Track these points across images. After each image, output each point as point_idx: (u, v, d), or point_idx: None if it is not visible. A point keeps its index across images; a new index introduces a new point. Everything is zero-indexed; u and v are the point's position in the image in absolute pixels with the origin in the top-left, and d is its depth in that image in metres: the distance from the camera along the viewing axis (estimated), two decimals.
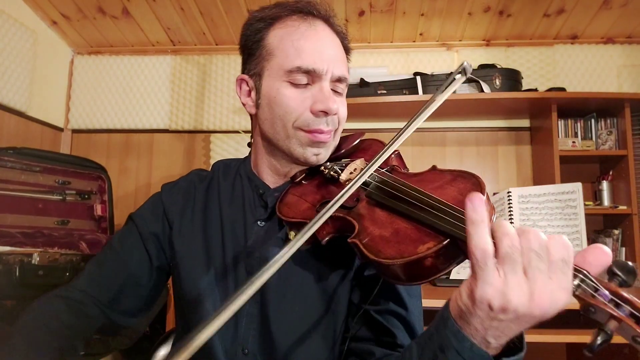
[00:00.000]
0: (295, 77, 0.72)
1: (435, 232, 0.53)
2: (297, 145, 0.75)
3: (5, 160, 1.83)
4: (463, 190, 0.58)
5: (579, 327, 1.71)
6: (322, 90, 0.73)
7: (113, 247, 0.83)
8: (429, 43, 2.56)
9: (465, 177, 0.61)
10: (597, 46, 2.46)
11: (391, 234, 0.57)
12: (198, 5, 2.31)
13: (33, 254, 1.52)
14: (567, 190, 1.89)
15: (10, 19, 2.17)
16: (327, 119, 0.74)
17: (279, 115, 0.74)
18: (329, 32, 0.78)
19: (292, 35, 0.74)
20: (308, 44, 0.73)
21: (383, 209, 0.61)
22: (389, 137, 2.36)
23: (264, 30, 0.76)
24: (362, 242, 0.57)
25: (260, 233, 0.77)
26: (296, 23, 0.75)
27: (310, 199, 0.72)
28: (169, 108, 2.62)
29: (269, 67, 0.75)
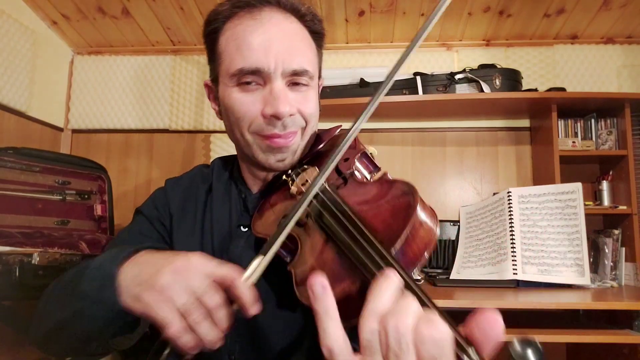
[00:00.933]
0: (242, 80, 0.67)
1: (352, 268, 0.48)
2: (259, 152, 0.71)
3: (5, 160, 1.83)
4: (394, 210, 0.53)
5: (579, 327, 1.71)
6: (272, 92, 0.66)
7: (124, 236, 0.80)
8: (429, 43, 2.56)
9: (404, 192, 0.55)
10: (597, 46, 2.46)
11: (318, 266, 0.53)
12: (198, 5, 2.31)
13: (33, 254, 1.52)
14: (567, 190, 1.89)
15: (10, 19, 2.17)
16: (283, 121, 0.67)
17: (234, 122, 0.70)
18: (280, 18, 0.69)
19: (236, 34, 0.68)
20: (251, 40, 0.66)
21: (322, 235, 0.56)
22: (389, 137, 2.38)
23: (217, 32, 0.72)
24: (295, 275, 0.54)
25: (241, 239, 0.75)
26: (242, 19, 0.69)
27: (277, 210, 0.69)
28: (168, 108, 2.62)
29: (221, 72, 0.71)
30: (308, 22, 0.73)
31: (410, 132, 2.55)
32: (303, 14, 0.72)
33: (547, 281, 1.78)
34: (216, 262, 0.52)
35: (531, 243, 1.87)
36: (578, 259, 1.81)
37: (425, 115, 2.48)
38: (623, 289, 1.97)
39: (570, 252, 1.83)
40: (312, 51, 0.73)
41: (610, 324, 1.70)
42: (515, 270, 1.81)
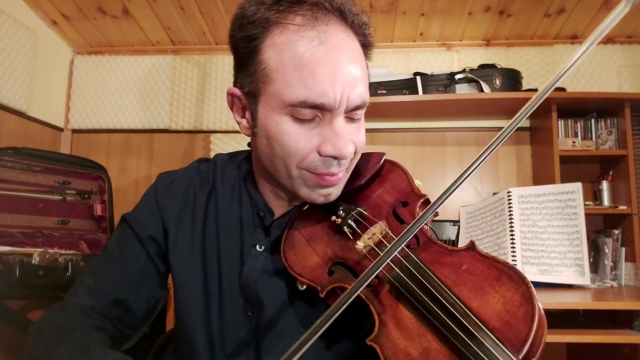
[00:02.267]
0: (300, 112, 0.57)
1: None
2: (302, 186, 0.63)
3: (5, 160, 1.83)
4: (509, 304, 0.47)
5: (579, 327, 1.71)
6: (334, 129, 0.58)
7: (112, 256, 0.74)
8: (429, 43, 2.56)
9: (513, 280, 0.49)
10: (597, 46, 2.45)
11: (419, 354, 0.47)
12: (198, 5, 2.31)
13: (33, 254, 1.52)
14: (567, 190, 1.89)
15: (10, 18, 2.17)
16: (340, 161, 0.60)
17: (279, 154, 0.60)
18: (346, 37, 0.59)
19: (295, 55, 0.56)
20: (316, 68, 0.56)
21: (408, 307, 0.51)
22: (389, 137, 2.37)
23: (259, 38, 0.59)
24: (384, 354, 0.48)
25: (258, 260, 0.68)
26: (300, 34, 0.57)
27: (320, 250, 0.62)
28: (169, 108, 2.62)
29: (266, 93, 0.59)
30: (362, 37, 0.63)
31: (410, 132, 2.55)
32: (359, 26, 0.62)
33: (547, 281, 1.78)
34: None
35: (531, 243, 1.87)
36: (578, 259, 1.81)
37: (425, 115, 2.48)
38: (623, 289, 1.97)
39: (570, 252, 1.83)
40: (366, 73, 0.63)
41: (610, 324, 1.70)
42: None
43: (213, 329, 0.68)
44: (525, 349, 0.43)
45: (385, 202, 0.66)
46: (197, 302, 0.69)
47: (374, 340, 0.50)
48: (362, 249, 0.58)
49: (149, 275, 0.73)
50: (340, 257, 0.61)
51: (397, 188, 0.67)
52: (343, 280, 0.57)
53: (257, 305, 0.66)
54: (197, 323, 0.69)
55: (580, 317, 1.96)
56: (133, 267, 0.72)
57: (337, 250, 0.62)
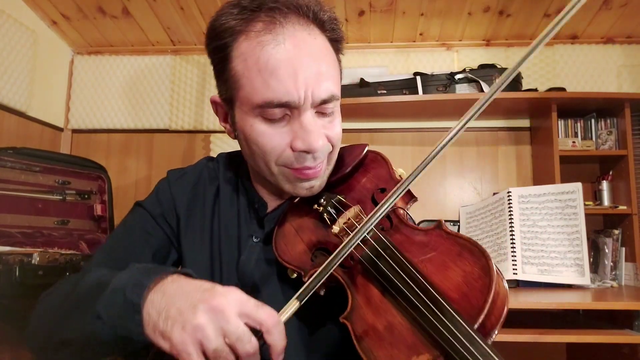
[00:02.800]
0: (269, 112, 0.60)
1: (430, 341, 0.47)
2: (285, 182, 0.67)
3: (5, 160, 1.83)
4: (469, 276, 0.50)
5: (579, 327, 1.71)
6: (302, 125, 0.61)
7: (127, 232, 0.75)
8: (429, 43, 2.56)
9: (473, 254, 0.52)
10: (597, 46, 2.46)
11: (384, 328, 0.50)
12: (198, 5, 2.31)
13: (33, 254, 1.52)
14: (567, 190, 1.89)
15: (10, 19, 2.17)
16: (314, 154, 0.63)
17: (257, 153, 0.65)
18: (306, 31, 0.61)
19: (258, 58, 0.59)
20: (278, 69, 0.58)
21: (377, 286, 0.55)
22: (389, 137, 2.38)
23: (228, 47, 0.62)
24: (354, 330, 0.52)
25: (254, 251, 0.71)
26: (261, 37, 0.59)
27: (306, 239, 0.66)
28: (168, 108, 2.62)
29: (238, 98, 0.63)
30: (329, 31, 0.65)
31: (410, 132, 2.55)
32: (323, 21, 0.64)
33: (547, 281, 1.78)
34: (254, 302, 0.49)
35: (531, 243, 1.87)
36: (578, 259, 1.81)
37: (425, 115, 2.48)
38: (623, 289, 1.97)
39: (570, 252, 1.83)
40: (336, 67, 0.66)
41: (610, 324, 1.70)
42: (515, 270, 1.81)
43: None
44: (481, 318, 0.46)
45: (365, 190, 0.70)
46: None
47: (346, 317, 0.54)
48: (338, 232, 0.61)
49: (163, 254, 0.75)
50: (323, 243, 0.64)
51: (378, 176, 0.70)
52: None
53: (252, 294, 0.67)
54: None
55: (580, 317, 1.96)
56: (151, 241, 0.74)
57: (320, 237, 0.65)
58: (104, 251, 0.76)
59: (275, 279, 0.69)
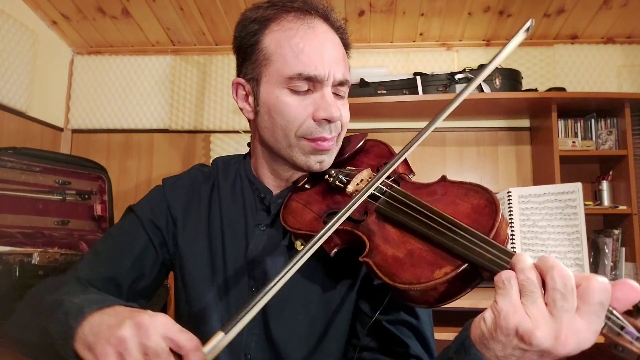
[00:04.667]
0: (296, 84, 0.69)
1: (451, 255, 0.51)
2: (299, 154, 0.72)
3: (5, 160, 1.83)
4: (476, 207, 0.56)
5: None
6: (324, 97, 0.70)
7: (114, 237, 0.80)
8: (429, 43, 2.56)
9: (478, 192, 0.59)
10: (597, 46, 2.46)
11: (405, 255, 0.55)
12: (198, 5, 2.31)
13: (33, 254, 1.52)
14: (567, 190, 1.89)
15: (10, 19, 2.17)
16: (331, 125, 0.71)
17: (280, 124, 0.71)
18: (329, 30, 0.73)
19: (290, 38, 0.69)
20: (308, 47, 0.69)
21: (394, 226, 0.59)
22: (389, 137, 2.38)
23: (259, 32, 0.72)
24: (375, 263, 0.56)
25: (262, 238, 0.75)
26: (293, 24, 0.71)
27: (315, 209, 0.70)
28: (168, 108, 2.62)
29: (267, 73, 0.71)
30: (341, 36, 0.76)
31: (410, 132, 2.55)
32: (339, 27, 0.75)
33: None
34: (178, 327, 0.51)
35: (531, 243, 1.87)
36: (578, 259, 1.81)
37: (425, 115, 2.48)
38: None
39: (570, 252, 1.83)
40: (347, 63, 0.77)
41: None
42: None
43: (220, 307, 0.74)
44: (493, 233, 0.52)
45: (369, 165, 0.76)
46: (206, 282, 0.75)
47: (366, 256, 0.58)
48: (352, 190, 0.67)
49: (147, 258, 0.78)
50: (334, 208, 0.69)
51: (380, 155, 0.78)
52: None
53: (261, 279, 0.73)
54: (206, 302, 0.74)
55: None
56: (133, 247, 0.78)
57: (331, 204, 0.70)
58: (93, 252, 0.79)
59: (282, 260, 0.73)
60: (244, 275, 0.74)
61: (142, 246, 0.78)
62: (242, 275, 0.74)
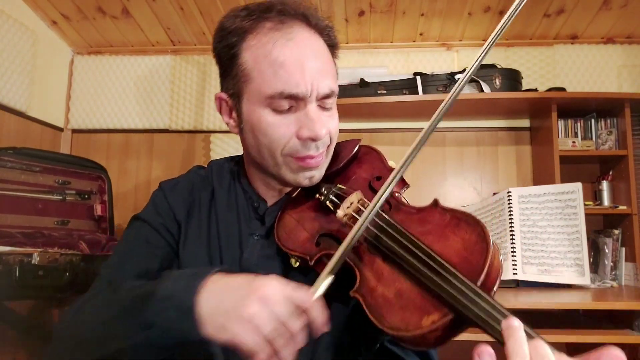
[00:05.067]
0: (278, 103, 0.66)
1: (440, 301, 0.51)
2: (287, 172, 0.71)
3: (5, 160, 1.83)
4: (467, 243, 0.55)
5: (579, 327, 1.71)
6: (308, 115, 0.67)
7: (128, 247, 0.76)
8: (429, 43, 2.56)
9: (470, 224, 0.57)
10: (597, 46, 2.46)
11: (394, 295, 0.55)
12: (198, 5, 2.31)
13: (33, 254, 1.52)
14: (567, 190, 1.89)
15: (10, 19, 2.17)
16: (317, 143, 0.68)
17: (264, 143, 0.69)
18: (311, 36, 0.69)
19: (268, 53, 0.65)
20: (287, 62, 0.65)
21: (384, 259, 0.59)
22: (389, 137, 2.38)
23: (237, 45, 0.68)
24: (365, 301, 0.56)
25: (255, 248, 0.74)
26: (270, 36, 0.66)
27: (308, 227, 0.70)
28: (168, 108, 2.62)
29: (247, 91, 0.68)
30: (326, 37, 0.72)
31: (410, 132, 2.55)
32: (323, 28, 0.71)
33: (547, 281, 1.78)
34: (292, 286, 0.53)
35: (531, 243, 1.87)
36: (578, 259, 1.81)
37: (425, 115, 2.48)
38: (623, 289, 1.97)
39: (570, 252, 1.83)
40: (334, 67, 0.73)
41: (610, 324, 1.70)
42: (515, 270, 1.81)
43: None
44: (482, 277, 0.51)
45: (362, 179, 0.75)
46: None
47: (357, 291, 0.57)
48: (342, 216, 0.66)
49: (169, 260, 0.76)
50: (326, 229, 0.68)
51: (372, 166, 0.76)
52: (329, 248, 0.64)
53: None
54: None
55: (580, 317, 1.96)
56: (154, 251, 0.75)
57: (323, 223, 0.69)
58: (111, 267, 0.75)
59: (277, 272, 0.72)
60: None
61: (164, 250, 0.76)
62: None
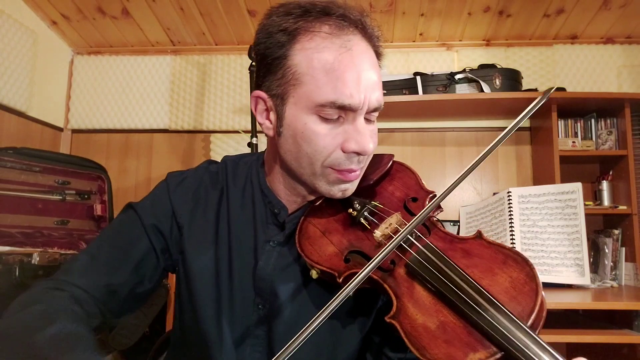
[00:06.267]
0: (327, 112, 0.62)
1: (487, 338, 0.49)
2: (323, 183, 0.68)
3: (5, 160, 1.83)
4: (516, 282, 0.53)
5: (579, 327, 1.71)
6: (357, 128, 0.64)
7: (112, 239, 0.74)
8: (429, 43, 2.56)
9: (518, 263, 0.55)
10: (597, 46, 2.46)
11: (437, 327, 0.52)
12: (198, 6, 2.31)
13: (33, 254, 1.52)
14: (567, 190, 1.89)
15: (10, 19, 2.17)
16: (360, 157, 0.66)
17: (306, 152, 0.65)
18: (366, 47, 0.66)
19: (325, 61, 0.62)
20: (345, 74, 0.61)
21: (425, 289, 0.56)
22: (389, 137, 2.39)
23: (288, 45, 0.64)
24: (404, 329, 0.53)
25: (272, 255, 0.72)
26: (328, 42, 0.62)
27: (335, 241, 0.67)
28: (168, 108, 2.62)
29: (295, 95, 0.64)
30: (376, 47, 0.69)
31: (410, 132, 2.55)
32: (376, 38, 0.69)
33: (547, 281, 1.78)
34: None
35: (531, 243, 1.87)
36: (578, 259, 1.81)
37: (425, 115, 2.48)
38: (623, 289, 1.97)
39: (570, 252, 1.82)
40: (381, 80, 0.70)
41: (610, 324, 1.70)
42: None
43: (223, 322, 0.71)
44: (532, 318, 0.49)
45: (396, 198, 0.72)
46: (210, 294, 0.72)
47: (393, 317, 0.55)
48: (380, 237, 0.63)
49: (147, 264, 0.74)
50: (357, 247, 0.65)
51: (407, 185, 0.73)
52: (359, 266, 0.60)
53: (270, 298, 0.70)
54: (209, 315, 0.71)
55: (580, 317, 1.95)
56: (133, 252, 0.73)
57: (353, 240, 0.67)
58: (88, 255, 0.73)
59: (294, 282, 0.71)
60: (250, 291, 0.71)
61: (143, 252, 0.73)
62: (249, 291, 0.71)
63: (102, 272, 0.70)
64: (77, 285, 0.68)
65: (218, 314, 0.71)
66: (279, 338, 0.69)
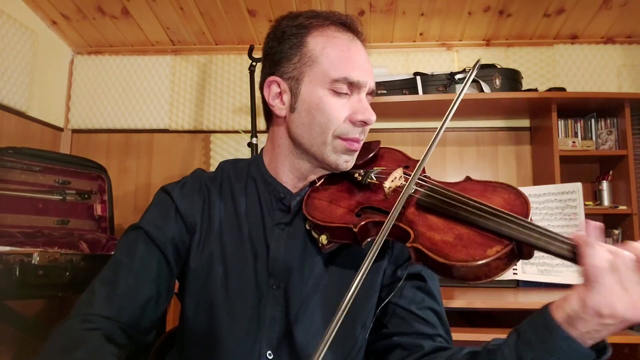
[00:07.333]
0: (339, 87, 0.75)
1: (497, 236, 0.58)
2: (331, 152, 0.77)
3: (5, 160, 1.83)
4: (508, 200, 0.64)
5: None
6: (361, 102, 0.77)
7: (123, 262, 0.75)
8: (429, 43, 2.56)
9: (505, 188, 0.66)
10: (597, 46, 2.46)
11: (454, 238, 0.60)
12: (197, 5, 2.31)
13: (33, 254, 1.52)
14: (567, 190, 1.89)
15: (10, 19, 2.17)
16: (364, 128, 0.78)
17: (320, 122, 0.76)
18: (362, 45, 0.82)
19: (337, 45, 0.77)
20: (356, 57, 0.77)
21: (436, 216, 0.65)
22: (389, 137, 2.39)
23: (302, 36, 0.78)
24: (425, 246, 0.60)
25: (281, 237, 0.77)
26: (338, 33, 0.79)
27: (344, 205, 0.75)
28: (168, 108, 2.62)
29: (311, 74, 0.76)
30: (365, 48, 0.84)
31: (410, 132, 2.55)
32: (366, 42, 0.84)
33: (547, 281, 1.78)
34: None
35: None
36: None
37: (425, 115, 2.48)
38: None
39: None
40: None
41: None
42: (515, 270, 1.81)
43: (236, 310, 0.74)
44: (529, 218, 0.59)
45: (391, 166, 0.81)
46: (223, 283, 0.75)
47: (414, 242, 0.62)
48: (391, 186, 0.72)
49: (163, 277, 0.77)
50: (366, 203, 0.73)
51: (396, 159, 0.84)
52: (372, 216, 0.69)
53: (284, 277, 0.76)
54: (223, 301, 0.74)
55: None
56: (150, 271, 0.75)
57: (361, 199, 0.75)
58: (105, 282, 0.74)
59: (305, 256, 0.77)
60: (264, 274, 0.76)
61: (157, 266, 0.76)
62: (262, 272, 0.76)
63: (126, 295, 0.72)
64: (106, 316, 0.70)
65: (231, 304, 0.74)
66: (294, 317, 0.73)
